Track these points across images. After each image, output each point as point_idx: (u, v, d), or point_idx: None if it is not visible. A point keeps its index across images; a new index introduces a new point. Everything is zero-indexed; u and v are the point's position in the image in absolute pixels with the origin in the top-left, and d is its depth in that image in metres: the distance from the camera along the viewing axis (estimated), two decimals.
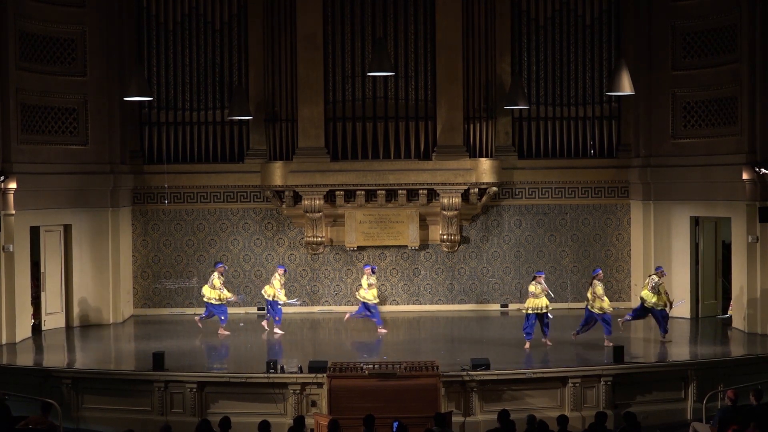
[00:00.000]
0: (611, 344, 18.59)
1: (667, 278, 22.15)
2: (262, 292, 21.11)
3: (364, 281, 20.93)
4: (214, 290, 20.56)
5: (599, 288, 19.07)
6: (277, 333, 20.77)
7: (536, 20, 23.23)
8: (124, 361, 19.48)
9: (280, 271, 21.15)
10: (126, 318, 22.85)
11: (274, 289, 20.85)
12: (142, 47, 23.00)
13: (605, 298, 19.09)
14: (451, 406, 16.27)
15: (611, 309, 19.18)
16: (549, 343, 19.01)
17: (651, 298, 19.33)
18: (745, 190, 20.26)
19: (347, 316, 21.24)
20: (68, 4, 21.54)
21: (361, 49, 22.64)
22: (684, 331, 20.98)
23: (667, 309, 19.50)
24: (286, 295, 21.12)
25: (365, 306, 20.88)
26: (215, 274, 20.73)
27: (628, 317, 19.84)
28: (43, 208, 21.16)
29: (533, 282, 19.24)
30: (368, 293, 20.81)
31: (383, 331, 20.84)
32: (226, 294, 20.66)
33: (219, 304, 20.59)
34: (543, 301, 19.06)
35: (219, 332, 20.59)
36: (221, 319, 20.66)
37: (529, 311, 19.07)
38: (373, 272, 21.12)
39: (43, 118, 21.25)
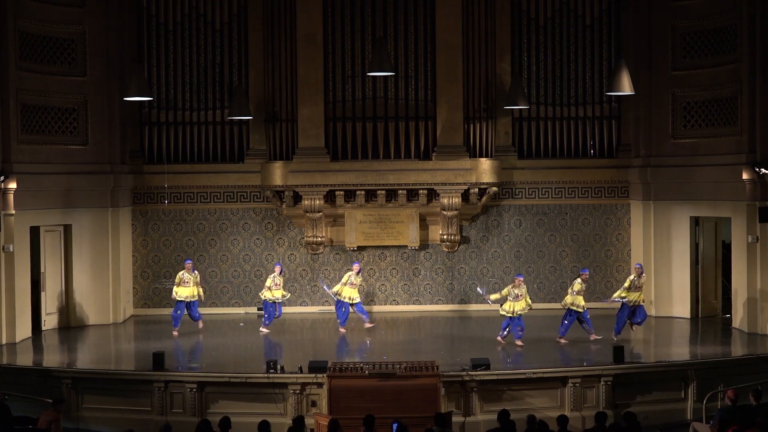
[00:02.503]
0: (598, 337, 18.97)
1: (667, 278, 22.24)
2: (267, 295, 20.97)
3: (345, 278, 20.85)
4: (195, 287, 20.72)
5: (577, 285, 19.32)
6: (263, 331, 20.76)
7: (536, 20, 23.23)
8: (124, 361, 19.48)
9: (277, 269, 21.13)
10: (126, 318, 22.85)
11: (281, 290, 20.82)
12: (142, 47, 23.00)
13: (579, 296, 19.32)
14: (451, 406, 16.28)
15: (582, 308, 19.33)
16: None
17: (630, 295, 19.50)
18: (745, 190, 20.26)
19: (342, 331, 21.07)
20: (68, 4, 21.54)
21: (361, 49, 22.64)
22: (684, 331, 20.98)
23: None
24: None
25: (339, 303, 20.78)
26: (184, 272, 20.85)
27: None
28: (43, 208, 21.16)
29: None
30: (346, 290, 20.69)
31: (343, 330, 20.78)
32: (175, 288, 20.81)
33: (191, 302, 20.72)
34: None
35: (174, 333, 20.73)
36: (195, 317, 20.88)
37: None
38: (359, 273, 21.06)
39: (43, 118, 21.25)
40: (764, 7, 19.95)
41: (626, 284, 19.60)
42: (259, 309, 23.11)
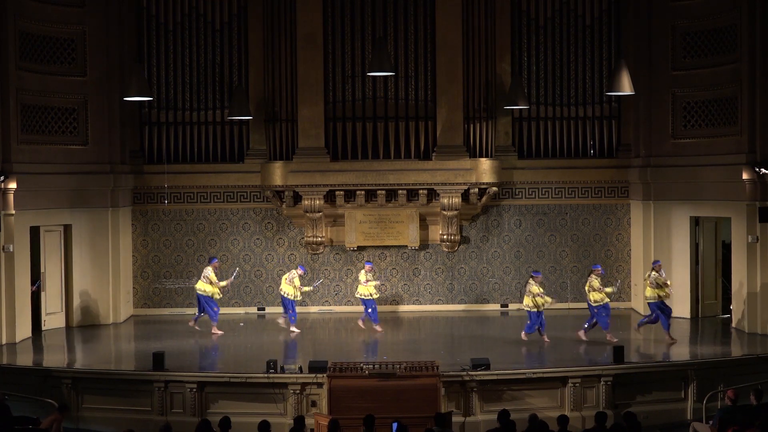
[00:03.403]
0: (614, 340, 18.84)
1: (666, 278, 22.21)
2: (282, 291, 20.93)
3: (362, 276, 20.88)
4: (209, 284, 20.56)
5: (596, 281, 19.28)
6: (293, 332, 20.75)
7: (536, 20, 23.23)
8: (124, 361, 19.49)
9: (300, 272, 21.08)
10: (126, 318, 22.85)
11: (295, 288, 20.81)
12: (142, 47, 23.01)
13: (603, 289, 19.31)
14: (451, 406, 16.28)
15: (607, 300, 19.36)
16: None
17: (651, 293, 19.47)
18: (745, 190, 20.26)
19: (361, 322, 21.03)
20: (68, 4, 21.55)
21: (361, 49, 22.64)
22: (684, 331, 20.97)
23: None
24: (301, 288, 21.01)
25: (365, 302, 20.82)
26: (209, 269, 20.71)
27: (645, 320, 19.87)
28: (43, 208, 21.16)
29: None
30: (366, 287, 20.72)
31: (379, 329, 20.82)
32: (222, 284, 20.60)
33: (212, 299, 20.58)
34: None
35: (212, 332, 20.62)
36: (213, 317, 20.64)
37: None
38: (369, 272, 21.05)
39: (43, 118, 21.26)
40: (764, 7, 19.95)
41: (658, 283, 19.50)
42: (259, 309, 23.19)
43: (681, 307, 22.07)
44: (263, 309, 23.14)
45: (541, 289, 19.36)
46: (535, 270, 20.70)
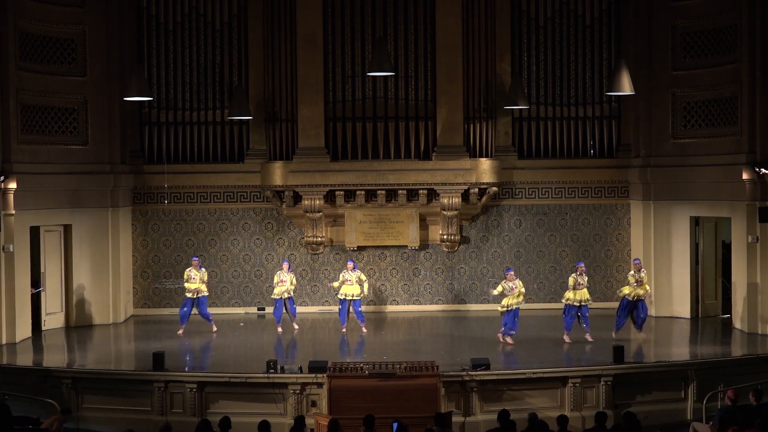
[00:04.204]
0: (569, 341, 19.04)
1: (667, 278, 22.24)
2: (284, 292, 20.91)
3: (342, 276, 20.80)
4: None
5: (570, 280, 19.38)
6: (289, 331, 20.77)
7: (536, 20, 23.23)
8: (124, 361, 19.49)
9: (285, 265, 21.10)
10: (126, 318, 22.85)
11: (294, 284, 20.94)
12: (142, 47, 23.01)
13: (573, 290, 19.34)
14: (451, 406, 16.28)
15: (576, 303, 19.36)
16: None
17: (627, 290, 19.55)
18: (745, 190, 20.26)
19: (363, 328, 20.95)
20: (68, 4, 21.55)
21: (361, 49, 22.64)
22: (684, 331, 20.99)
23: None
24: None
25: (354, 303, 20.75)
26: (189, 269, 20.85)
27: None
28: (43, 208, 21.16)
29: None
30: (352, 286, 20.64)
31: (343, 330, 20.81)
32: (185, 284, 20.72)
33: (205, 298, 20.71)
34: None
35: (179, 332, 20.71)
36: (182, 319, 20.73)
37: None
38: (354, 269, 20.94)
39: (43, 118, 21.26)
40: (764, 7, 19.95)
41: (630, 281, 19.57)
42: (259, 309, 23.19)
43: (681, 307, 22.10)
44: (263, 309, 23.13)
45: (500, 289, 19.42)
46: (507, 268, 20.64)
